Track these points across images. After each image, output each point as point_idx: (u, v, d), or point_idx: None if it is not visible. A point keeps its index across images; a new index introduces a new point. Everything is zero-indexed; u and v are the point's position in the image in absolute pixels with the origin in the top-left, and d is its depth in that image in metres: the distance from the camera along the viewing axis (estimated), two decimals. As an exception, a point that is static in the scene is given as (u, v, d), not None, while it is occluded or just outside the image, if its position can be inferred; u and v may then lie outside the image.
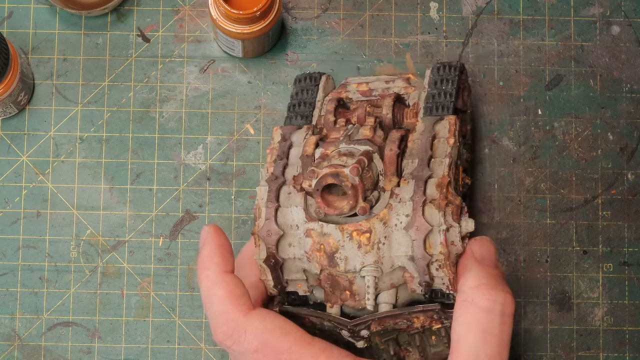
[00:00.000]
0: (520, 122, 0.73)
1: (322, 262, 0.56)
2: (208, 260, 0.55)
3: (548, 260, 0.72)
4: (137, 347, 0.70)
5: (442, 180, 0.56)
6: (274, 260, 0.57)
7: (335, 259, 0.55)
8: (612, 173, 0.72)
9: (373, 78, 0.65)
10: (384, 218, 0.55)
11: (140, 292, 0.71)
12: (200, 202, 0.71)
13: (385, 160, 0.57)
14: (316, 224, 0.56)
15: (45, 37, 0.73)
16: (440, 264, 0.55)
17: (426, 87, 0.62)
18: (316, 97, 0.63)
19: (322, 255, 0.56)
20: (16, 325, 0.70)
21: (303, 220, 0.56)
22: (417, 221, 0.54)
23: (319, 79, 0.64)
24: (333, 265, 0.56)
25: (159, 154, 0.72)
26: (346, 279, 0.56)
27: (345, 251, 0.55)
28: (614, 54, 0.73)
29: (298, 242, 0.56)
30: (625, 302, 0.71)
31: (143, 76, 0.73)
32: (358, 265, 0.55)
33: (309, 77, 0.65)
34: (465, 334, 0.52)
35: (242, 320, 0.53)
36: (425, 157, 0.57)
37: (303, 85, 0.64)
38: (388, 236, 0.55)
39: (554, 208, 0.72)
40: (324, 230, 0.56)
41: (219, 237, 0.55)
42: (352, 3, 0.73)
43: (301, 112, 0.62)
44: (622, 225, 0.72)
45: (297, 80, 0.65)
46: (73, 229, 0.71)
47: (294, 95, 0.64)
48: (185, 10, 0.73)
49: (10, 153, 0.72)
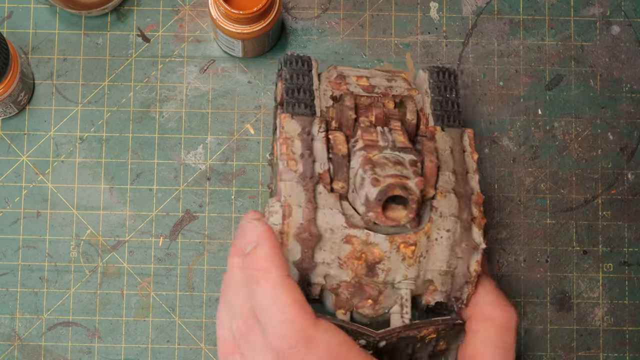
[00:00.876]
0: (520, 122, 0.73)
1: (358, 271, 0.53)
2: (268, 261, 0.50)
3: (548, 260, 0.72)
4: (137, 347, 0.70)
5: (479, 198, 0.55)
6: (307, 263, 0.54)
7: (377, 269, 0.53)
8: (612, 173, 0.72)
9: (366, 71, 0.62)
10: (427, 232, 0.54)
11: (140, 292, 0.71)
12: (200, 202, 0.71)
13: (426, 172, 0.55)
14: (361, 232, 0.53)
15: (45, 37, 0.73)
16: (470, 280, 0.55)
17: (429, 91, 0.60)
18: (312, 84, 0.58)
19: (360, 264, 0.53)
20: (16, 325, 0.70)
21: (342, 226, 0.53)
22: (466, 239, 0.54)
23: (311, 63, 0.59)
24: (371, 276, 0.53)
25: (159, 154, 0.72)
26: (376, 289, 0.54)
27: (389, 262, 0.53)
28: (614, 54, 0.73)
29: (331, 247, 0.53)
30: (625, 302, 0.71)
31: (143, 76, 0.73)
32: (398, 278, 0.54)
33: (300, 61, 0.59)
34: (486, 349, 0.54)
35: (311, 331, 0.49)
36: (463, 172, 0.56)
37: (295, 68, 0.59)
38: (429, 250, 0.54)
39: (554, 208, 0.72)
40: (370, 239, 0.53)
41: (273, 235, 0.51)
42: (352, 3, 0.73)
43: (302, 100, 0.57)
44: (622, 225, 0.72)
45: (287, 61, 0.59)
46: (73, 229, 0.71)
47: (289, 78, 0.58)
48: (185, 10, 0.73)
49: (10, 153, 0.72)
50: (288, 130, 0.55)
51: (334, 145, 0.55)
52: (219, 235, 0.71)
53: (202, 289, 0.71)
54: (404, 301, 0.54)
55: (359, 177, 0.54)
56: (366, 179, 0.53)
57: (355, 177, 0.54)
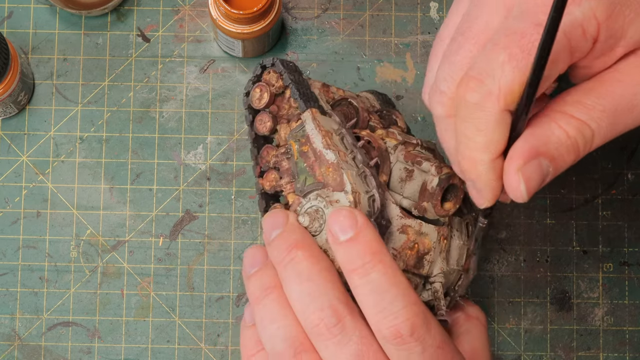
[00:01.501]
0: (520, 122, 0.73)
1: (408, 262, 0.53)
2: (380, 244, 0.49)
3: (548, 260, 0.72)
4: (137, 347, 0.70)
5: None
6: None
7: (424, 260, 0.54)
8: (612, 173, 0.72)
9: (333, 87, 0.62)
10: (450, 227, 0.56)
11: (140, 292, 0.71)
12: (200, 202, 0.71)
13: None
14: (415, 222, 0.53)
15: (45, 37, 0.73)
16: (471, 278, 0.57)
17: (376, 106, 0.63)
18: (309, 87, 0.58)
19: (412, 254, 0.53)
20: (16, 325, 0.70)
21: (398, 215, 0.53)
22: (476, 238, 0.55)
23: (299, 68, 0.60)
24: (418, 267, 0.54)
25: (159, 154, 0.72)
26: (413, 284, 0.54)
27: (434, 254, 0.54)
28: (614, 54, 0.73)
29: (387, 238, 0.53)
30: (625, 302, 0.71)
31: (143, 76, 0.73)
32: (436, 271, 0.54)
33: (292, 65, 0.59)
34: (482, 346, 0.56)
35: (428, 314, 0.49)
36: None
37: (291, 70, 0.59)
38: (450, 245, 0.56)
39: (554, 208, 0.72)
40: (423, 229, 0.53)
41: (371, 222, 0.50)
42: (352, 3, 0.73)
43: (312, 99, 0.57)
44: (622, 225, 0.72)
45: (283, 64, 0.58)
46: (73, 229, 0.71)
47: (293, 79, 0.58)
48: (185, 10, 0.73)
49: (10, 153, 0.72)
50: (324, 125, 0.55)
51: (373, 140, 0.55)
52: (219, 235, 0.71)
53: (202, 289, 0.71)
54: (439, 294, 0.54)
55: (403, 171, 0.55)
56: (421, 170, 0.54)
57: (396, 171, 0.55)
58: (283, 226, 0.52)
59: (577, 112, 0.47)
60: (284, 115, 0.58)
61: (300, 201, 0.53)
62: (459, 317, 0.57)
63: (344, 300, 0.49)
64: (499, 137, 0.46)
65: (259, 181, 0.58)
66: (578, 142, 0.47)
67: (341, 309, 0.49)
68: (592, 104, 0.47)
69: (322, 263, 0.50)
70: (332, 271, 0.50)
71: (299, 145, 0.54)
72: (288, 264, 0.50)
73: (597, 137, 0.47)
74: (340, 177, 0.52)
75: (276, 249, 0.51)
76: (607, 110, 0.47)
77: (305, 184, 0.53)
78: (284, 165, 0.56)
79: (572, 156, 0.47)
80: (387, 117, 0.61)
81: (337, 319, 0.48)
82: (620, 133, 0.48)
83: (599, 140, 0.47)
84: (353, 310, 0.49)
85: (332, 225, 0.49)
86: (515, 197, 0.47)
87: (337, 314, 0.48)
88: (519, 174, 0.46)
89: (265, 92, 0.58)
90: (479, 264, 0.71)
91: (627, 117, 0.47)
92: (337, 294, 0.49)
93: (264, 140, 0.59)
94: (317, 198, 0.52)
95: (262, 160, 0.59)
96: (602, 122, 0.47)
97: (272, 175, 0.57)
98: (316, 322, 0.48)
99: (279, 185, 0.57)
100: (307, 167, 0.53)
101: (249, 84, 0.59)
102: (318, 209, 0.52)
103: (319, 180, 0.53)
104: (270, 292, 0.51)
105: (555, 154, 0.47)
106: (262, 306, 0.51)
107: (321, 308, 0.48)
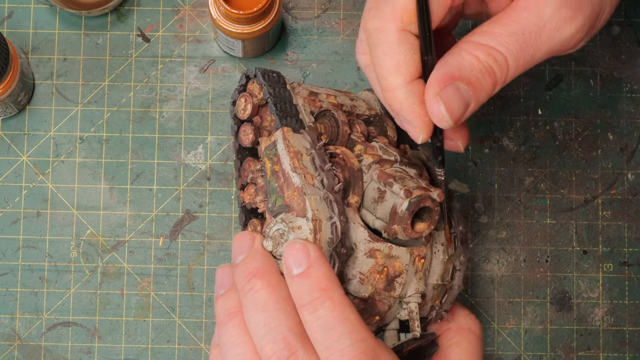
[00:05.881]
0: (520, 122, 0.73)
1: (377, 285, 0.52)
2: (330, 281, 0.49)
3: (548, 260, 0.72)
4: (137, 347, 0.70)
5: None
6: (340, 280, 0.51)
7: (395, 283, 0.53)
8: (612, 173, 0.72)
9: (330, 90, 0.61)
10: (431, 245, 0.54)
11: (140, 292, 0.71)
12: (200, 202, 0.71)
13: None
14: (384, 245, 0.52)
15: (45, 37, 0.73)
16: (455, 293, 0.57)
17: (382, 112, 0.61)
18: (292, 98, 0.57)
19: (381, 278, 0.52)
20: (16, 325, 0.70)
21: (365, 239, 0.52)
22: (464, 252, 0.55)
23: (284, 79, 0.58)
24: (389, 290, 0.53)
25: (159, 154, 0.72)
26: (387, 304, 0.53)
27: (407, 276, 0.53)
28: (614, 54, 0.73)
29: (353, 262, 0.52)
30: (625, 302, 0.71)
31: (143, 76, 0.73)
32: (410, 291, 0.53)
33: (275, 75, 0.58)
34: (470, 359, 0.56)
35: (378, 349, 0.49)
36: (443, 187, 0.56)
37: (272, 83, 0.57)
38: (431, 263, 0.55)
39: (554, 208, 0.72)
40: (393, 252, 0.52)
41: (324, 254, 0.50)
42: (352, 3, 0.73)
43: (291, 114, 0.56)
44: (622, 225, 0.72)
45: (264, 75, 0.57)
46: (73, 229, 0.71)
47: (273, 92, 0.56)
48: (185, 10, 0.73)
49: (10, 153, 0.72)
50: (294, 144, 0.53)
51: (347, 159, 0.54)
52: (219, 235, 0.71)
53: (202, 289, 0.71)
54: (414, 315, 0.54)
55: (375, 192, 0.53)
56: (392, 192, 0.52)
57: (370, 191, 0.54)
58: (247, 251, 0.52)
59: (485, 40, 0.49)
60: (267, 127, 0.57)
61: (269, 221, 0.53)
62: (449, 328, 0.57)
63: (298, 332, 0.49)
64: (405, 57, 0.48)
65: (240, 194, 0.57)
66: (491, 66, 0.49)
67: (294, 341, 0.48)
68: (498, 31, 0.49)
69: (280, 292, 0.50)
70: (289, 301, 0.50)
71: (272, 163, 0.54)
72: (247, 293, 0.50)
73: (512, 61, 0.49)
74: (304, 203, 0.51)
75: (238, 275, 0.51)
76: (515, 33, 0.48)
77: (275, 204, 0.53)
78: (259, 182, 0.56)
79: (488, 80, 0.49)
80: (377, 124, 0.59)
81: (289, 351, 0.48)
82: (538, 59, 0.50)
83: (514, 64, 0.49)
84: (306, 343, 0.49)
85: (286, 258, 0.50)
86: (439, 122, 0.49)
87: (290, 347, 0.48)
88: (437, 98, 0.48)
89: (249, 103, 0.57)
90: (479, 264, 0.71)
91: (537, 39, 0.49)
92: (291, 326, 0.49)
93: (248, 151, 0.59)
94: (282, 222, 0.52)
95: (244, 173, 0.58)
96: (511, 46, 0.48)
97: (252, 189, 0.57)
98: (269, 354, 0.49)
99: (255, 202, 0.56)
100: (278, 188, 0.53)
101: (235, 93, 0.59)
102: (283, 232, 0.51)
103: (286, 202, 0.52)
104: (234, 317, 0.51)
105: (471, 77, 0.48)
106: (224, 330, 0.51)
107: (274, 340, 0.49)
